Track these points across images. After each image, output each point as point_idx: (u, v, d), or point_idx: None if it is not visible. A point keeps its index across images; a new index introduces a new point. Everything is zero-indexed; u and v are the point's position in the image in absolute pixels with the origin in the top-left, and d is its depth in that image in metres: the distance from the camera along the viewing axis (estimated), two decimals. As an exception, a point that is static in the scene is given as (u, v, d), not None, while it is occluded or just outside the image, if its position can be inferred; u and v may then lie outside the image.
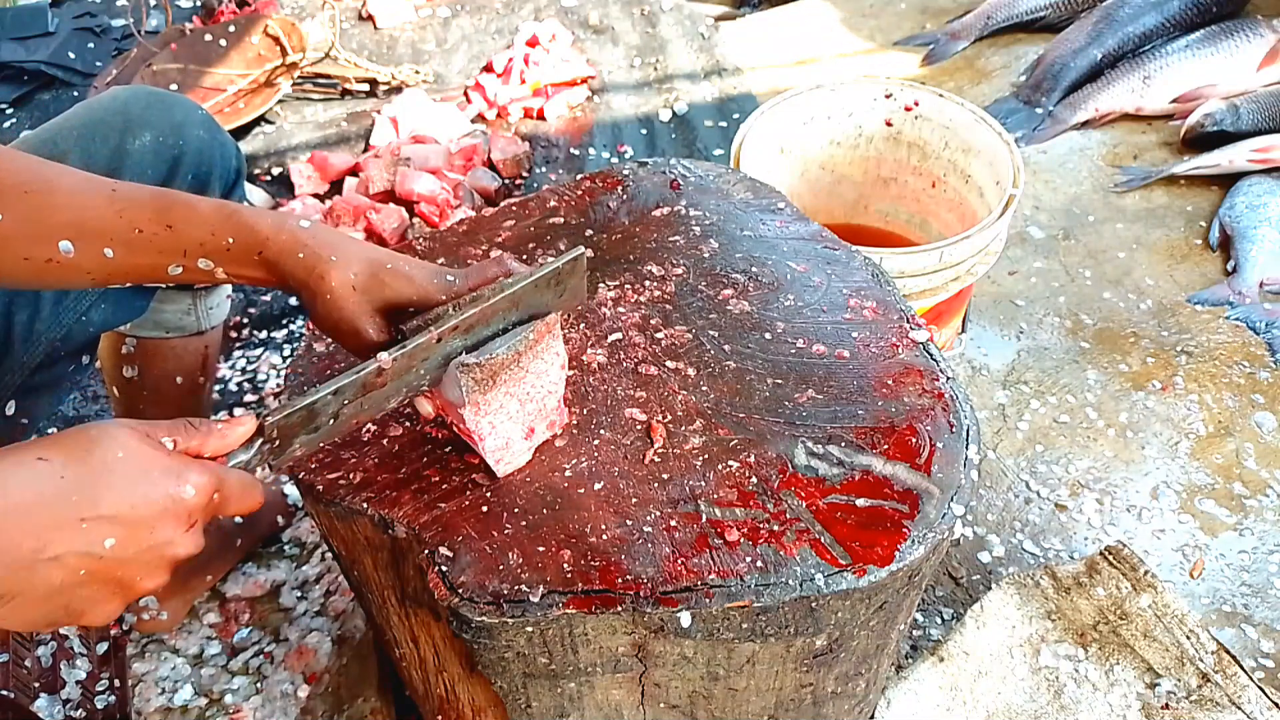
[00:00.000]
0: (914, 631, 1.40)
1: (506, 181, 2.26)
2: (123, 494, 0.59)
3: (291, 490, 1.56)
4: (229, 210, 0.81)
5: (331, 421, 0.75)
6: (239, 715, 1.30)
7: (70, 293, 1.04)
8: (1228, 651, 1.24)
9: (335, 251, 0.81)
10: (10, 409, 1.05)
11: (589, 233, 1.17)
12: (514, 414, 0.85)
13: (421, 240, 1.18)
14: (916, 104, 1.74)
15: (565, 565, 0.80)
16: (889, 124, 1.79)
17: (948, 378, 0.95)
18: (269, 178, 2.34)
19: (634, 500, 0.85)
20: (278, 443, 0.72)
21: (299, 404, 0.71)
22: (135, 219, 0.78)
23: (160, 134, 1.08)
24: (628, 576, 0.79)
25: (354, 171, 2.26)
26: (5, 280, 0.78)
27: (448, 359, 0.80)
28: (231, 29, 2.59)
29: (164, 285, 1.21)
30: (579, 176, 1.26)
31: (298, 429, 0.72)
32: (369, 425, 0.92)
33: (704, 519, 0.83)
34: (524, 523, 0.83)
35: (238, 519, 1.45)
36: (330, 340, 1.04)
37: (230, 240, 0.80)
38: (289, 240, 0.81)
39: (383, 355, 0.75)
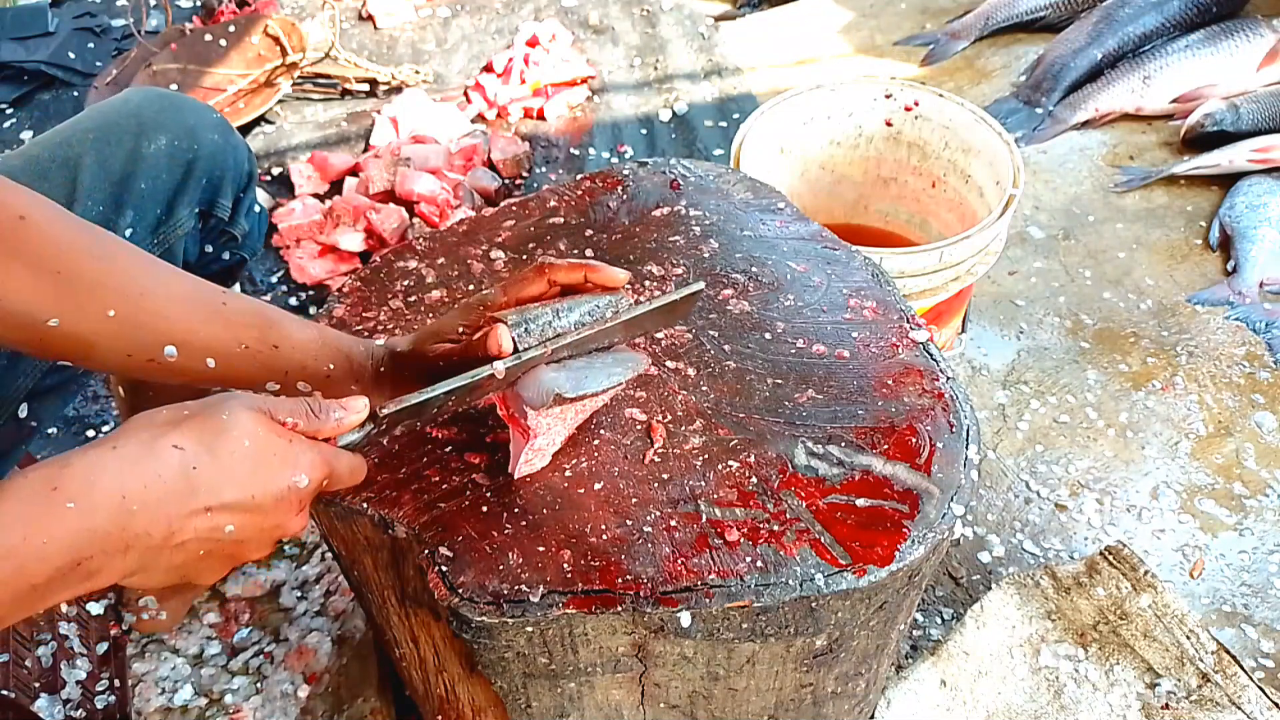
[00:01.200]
0: (914, 631, 1.40)
1: (506, 181, 2.26)
2: (245, 485, 0.64)
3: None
4: (328, 337, 0.85)
5: (434, 410, 0.78)
6: (239, 715, 1.30)
7: None
8: (1228, 651, 1.24)
9: (403, 346, 0.87)
10: (23, 411, 1.05)
11: (589, 233, 1.17)
12: (567, 425, 0.87)
13: (421, 240, 1.18)
14: (916, 104, 1.74)
15: (565, 565, 0.80)
16: (889, 124, 1.79)
17: (948, 378, 0.95)
18: (269, 178, 2.34)
19: (634, 500, 0.85)
20: (384, 427, 0.76)
21: (415, 400, 0.75)
22: (242, 335, 0.80)
23: (175, 137, 1.09)
24: (628, 576, 0.79)
25: (354, 171, 2.26)
26: (99, 369, 0.80)
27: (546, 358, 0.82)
28: (231, 29, 2.59)
29: None
30: (579, 176, 1.26)
31: (407, 417, 0.76)
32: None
33: (704, 519, 0.83)
34: (524, 523, 0.83)
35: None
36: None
37: (331, 367, 0.84)
38: (375, 361, 0.87)
39: (498, 364, 0.78)
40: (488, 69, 2.59)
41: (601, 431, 0.91)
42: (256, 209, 1.24)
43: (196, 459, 0.62)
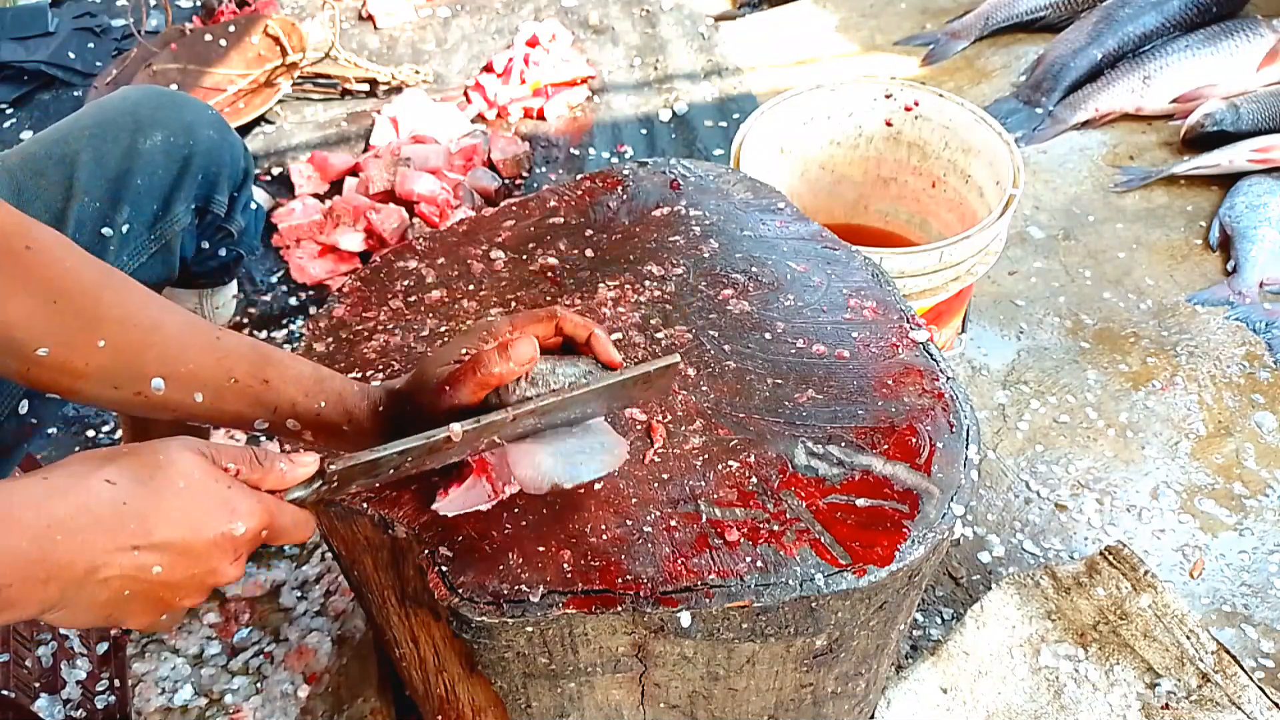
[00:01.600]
0: (914, 631, 1.40)
1: (506, 181, 2.26)
2: (177, 526, 0.62)
3: (291, 490, 1.55)
4: (322, 375, 0.83)
5: (392, 471, 0.76)
6: (239, 715, 1.30)
7: None
8: (1228, 651, 1.24)
9: (401, 388, 0.84)
10: (24, 408, 1.05)
11: (589, 233, 1.17)
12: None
13: (421, 240, 1.18)
14: (916, 104, 1.74)
15: (565, 565, 0.80)
16: (889, 124, 1.79)
17: (948, 378, 0.95)
18: (269, 178, 2.34)
19: (634, 500, 0.85)
20: (335, 485, 0.73)
21: (364, 458, 0.72)
22: (233, 369, 0.78)
23: (171, 134, 1.09)
24: (628, 576, 0.79)
25: (354, 171, 2.26)
26: (85, 401, 0.77)
27: (519, 435, 0.80)
28: (231, 29, 2.59)
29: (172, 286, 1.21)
30: (579, 176, 1.26)
31: (357, 476, 0.74)
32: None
33: (704, 519, 0.83)
34: (524, 523, 0.83)
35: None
36: (329, 340, 1.04)
37: (322, 404, 0.81)
38: (372, 401, 0.84)
39: (455, 426, 0.75)
40: (488, 69, 2.59)
41: (601, 431, 0.91)
42: (253, 206, 1.24)
43: (128, 494, 0.61)
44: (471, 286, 1.11)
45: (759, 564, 0.79)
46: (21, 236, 0.73)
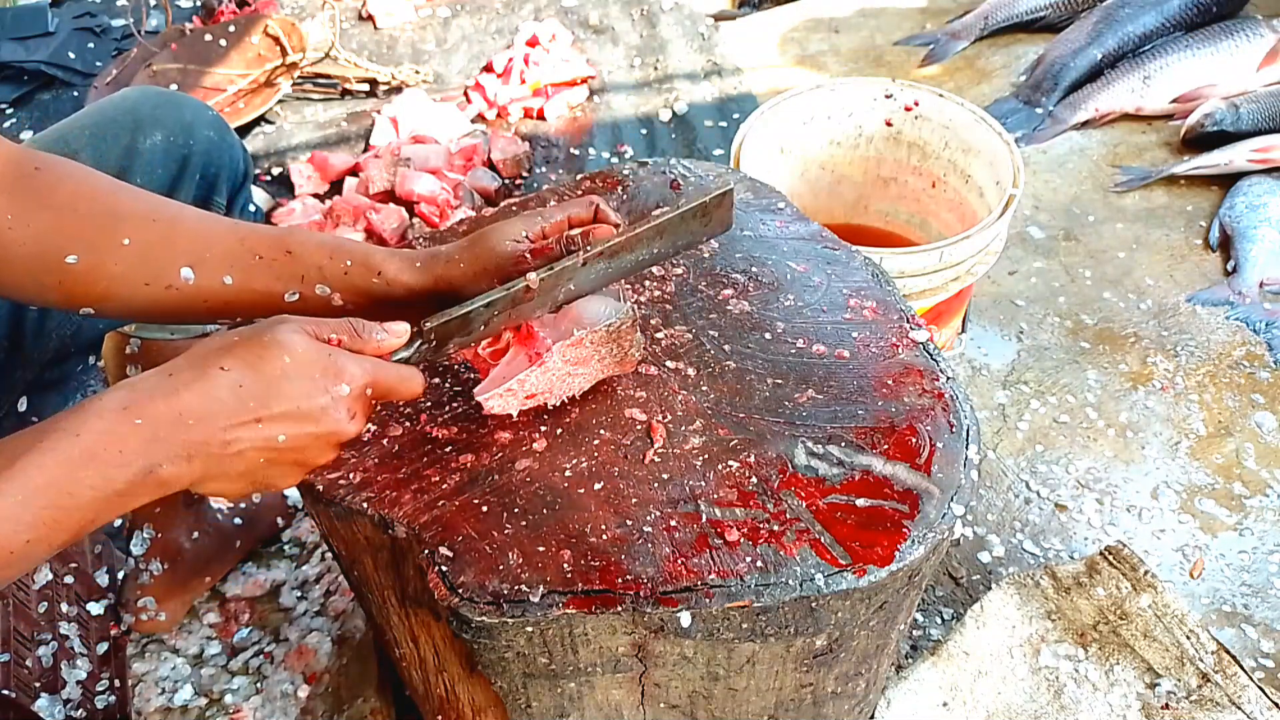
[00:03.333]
0: (914, 631, 1.40)
1: (506, 181, 2.26)
2: (290, 397, 0.70)
3: (292, 491, 1.55)
4: (342, 240, 0.88)
5: (483, 327, 0.82)
6: (239, 715, 1.30)
7: None
8: (1228, 651, 1.24)
9: (446, 251, 0.89)
10: (23, 405, 1.06)
11: (589, 233, 1.16)
12: (557, 383, 0.89)
13: (421, 240, 1.18)
14: (916, 104, 1.74)
15: (565, 565, 0.80)
16: (889, 124, 1.79)
17: (948, 378, 0.95)
18: (269, 178, 2.34)
19: (634, 500, 0.85)
20: (435, 343, 0.80)
21: (456, 313, 0.79)
22: (256, 246, 0.83)
23: (170, 134, 1.09)
24: (628, 576, 0.79)
25: (354, 171, 2.26)
26: (119, 309, 0.82)
27: (592, 281, 0.86)
28: (231, 29, 2.59)
29: None
30: (579, 176, 1.26)
31: (454, 333, 0.80)
32: (369, 426, 0.92)
33: (704, 519, 0.83)
34: (524, 523, 0.83)
35: (237, 520, 1.45)
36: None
37: (348, 263, 0.85)
38: (404, 258, 0.88)
39: (531, 276, 0.82)
40: (488, 69, 2.59)
41: (601, 431, 0.91)
42: (252, 208, 1.24)
43: (242, 377, 0.68)
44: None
45: (759, 564, 0.79)
46: (28, 160, 0.78)
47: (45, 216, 0.77)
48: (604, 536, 0.82)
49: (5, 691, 1.10)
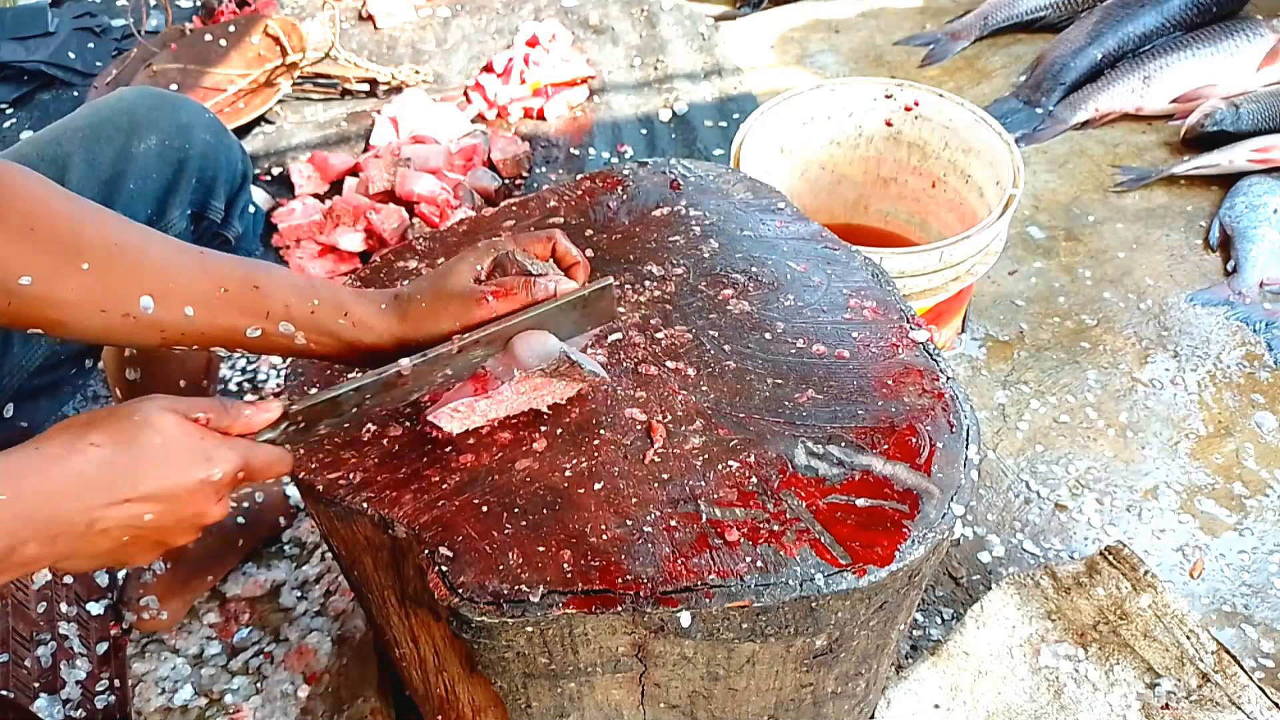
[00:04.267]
0: (914, 631, 1.40)
1: (506, 181, 2.26)
2: (160, 477, 0.69)
3: (292, 491, 1.56)
4: (314, 279, 0.87)
5: (355, 410, 0.82)
6: (239, 715, 1.30)
7: None
8: (1228, 651, 1.24)
9: (409, 291, 0.88)
10: (9, 411, 1.05)
11: (589, 233, 1.17)
12: (505, 408, 0.91)
13: (421, 240, 1.18)
14: (916, 104, 1.74)
15: (565, 565, 0.80)
16: (889, 124, 1.79)
17: (948, 378, 0.95)
18: (269, 178, 2.34)
19: (634, 500, 0.85)
20: (303, 425, 0.80)
21: (323, 397, 0.79)
22: (222, 279, 0.81)
23: (166, 136, 1.08)
24: (628, 576, 0.79)
25: (354, 171, 2.26)
26: (70, 334, 0.79)
27: (469, 367, 0.87)
28: (231, 29, 2.59)
29: None
30: (579, 176, 1.26)
31: (322, 415, 0.80)
32: (369, 425, 0.92)
33: (704, 519, 0.83)
34: (524, 523, 0.83)
35: (240, 519, 1.45)
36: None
37: (315, 302, 0.84)
38: (371, 299, 0.87)
39: (404, 361, 0.82)
40: (488, 69, 2.59)
41: (601, 431, 0.91)
42: (251, 210, 1.23)
43: (114, 455, 0.68)
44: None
45: (759, 564, 0.79)
46: None
47: (1, 235, 0.73)
48: (604, 536, 0.82)
49: (5, 691, 1.10)
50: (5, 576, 0.66)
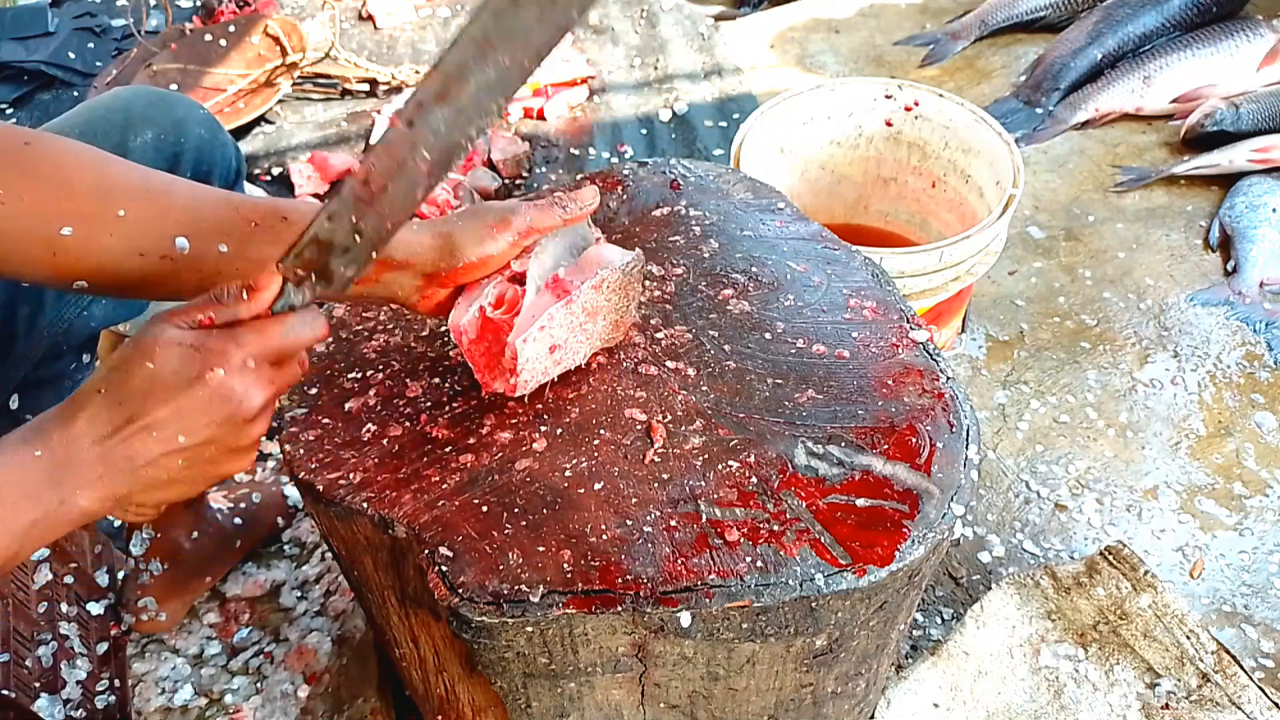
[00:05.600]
0: (914, 631, 1.40)
1: (506, 181, 2.26)
2: (162, 397, 0.68)
3: (291, 490, 1.56)
4: None
5: (358, 238, 0.74)
6: (239, 715, 1.30)
7: None
8: (1228, 651, 1.24)
9: (451, 215, 0.88)
10: (14, 403, 1.05)
11: (589, 233, 1.17)
12: (575, 321, 0.91)
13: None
14: (916, 104, 1.74)
15: (565, 565, 0.80)
16: (889, 124, 1.79)
17: (948, 378, 0.95)
18: (269, 178, 2.34)
19: (634, 500, 0.85)
20: (314, 278, 0.74)
21: (304, 239, 0.72)
22: (250, 214, 0.82)
23: (161, 131, 1.08)
24: (628, 576, 0.79)
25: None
26: (112, 282, 0.80)
27: (434, 133, 0.71)
28: (231, 29, 2.59)
29: None
30: (579, 176, 1.26)
31: (323, 258, 0.73)
32: (369, 425, 0.92)
33: (704, 519, 0.83)
34: (524, 523, 0.83)
35: (237, 520, 1.44)
36: (330, 340, 1.04)
37: None
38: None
39: (354, 164, 0.74)
40: (488, 69, 2.59)
41: (601, 431, 0.91)
42: None
43: (116, 391, 0.68)
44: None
45: (759, 564, 0.79)
46: (16, 136, 0.78)
47: (37, 189, 0.76)
48: (604, 536, 0.82)
49: (5, 691, 1.10)
50: (68, 526, 0.68)
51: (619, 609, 0.77)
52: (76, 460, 0.67)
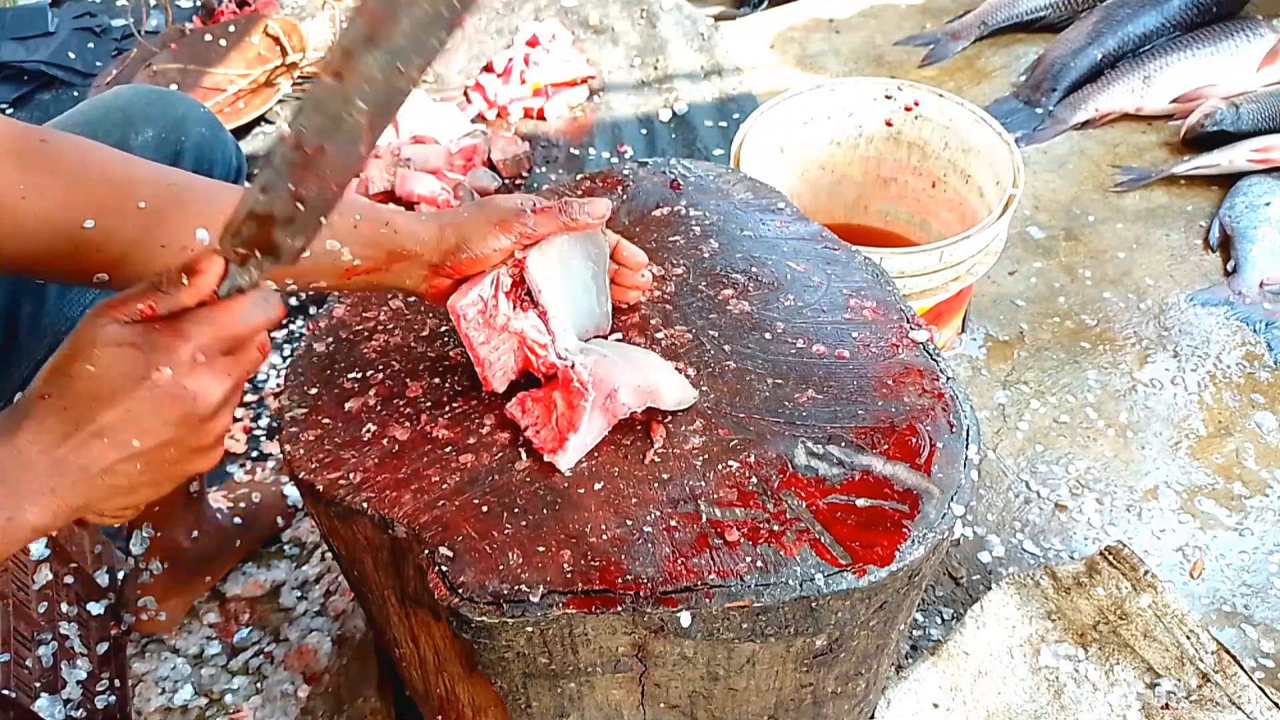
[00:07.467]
0: (914, 631, 1.40)
1: (506, 181, 2.26)
2: (108, 402, 0.64)
3: (290, 490, 1.56)
4: (349, 196, 0.81)
5: (300, 206, 0.66)
6: (239, 715, 1.30)
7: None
8: (1228, 651, 1.24)
9: (461, 209, 0.90)
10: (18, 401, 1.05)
11: (589, 233, 1.16)
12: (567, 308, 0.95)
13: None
14: (916, 104, 1.74)
15: (565, 565, 0.80)
16: (889, 124, 1.79)
17: (948, 378, 0.95)
18: (269, 178, 2.34)
19: (634, 500, 0.85)
20: (259, 254, 0.67)
21: (238, 216, 0.66)
22: None
23: (162, 130, 1.08)
24: (628, 576, 0.79)
25: (354, 172, 2.26)
26: (133, 276, 0.79)
27: (367, 81, 0.63)
28: (231, 29, 2.59)
29: None
30: (579, 176, 1.26)
31: (266, 232, 0.66)
32: (369, 425, 0.92)
33: (704, 519, 0.83)
34: (524, 523, 0.83)
35: (237, 520, 1.44)
36: (330, 340, 1.04)
37: (357, 216, 0.85)
38: (411, 214, 0.88)
39: (284, 128, 0.66)
40: (488, 69, 2.59)
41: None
42: None
43: (61, 398, 0.63)
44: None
45: (759, 564, 0.79)
46: (34, 134, 0.79)
47: (59, 185, 0.77)
48: (604, 536, 0.82)
49: (5, 691, 1.10)
50: (16, 544, 0.64)
51: (619, 609, 0.77)
52: (24, 473, 0.63)
